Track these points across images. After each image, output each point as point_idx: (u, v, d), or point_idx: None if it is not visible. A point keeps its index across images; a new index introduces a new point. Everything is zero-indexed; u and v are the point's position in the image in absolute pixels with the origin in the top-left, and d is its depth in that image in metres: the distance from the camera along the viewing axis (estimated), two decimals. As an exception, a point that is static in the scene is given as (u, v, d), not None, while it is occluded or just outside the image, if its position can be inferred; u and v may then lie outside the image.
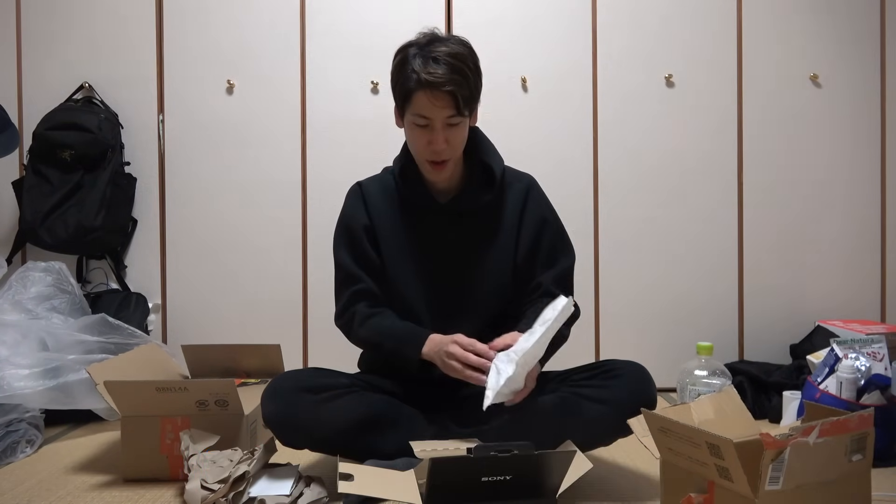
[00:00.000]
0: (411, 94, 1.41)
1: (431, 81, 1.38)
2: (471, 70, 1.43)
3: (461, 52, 1.42)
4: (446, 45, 1.41)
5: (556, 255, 1.56)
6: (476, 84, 1.45)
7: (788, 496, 1.01)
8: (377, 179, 1.62)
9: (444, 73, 1.38)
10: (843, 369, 1.61)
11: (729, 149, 2.41)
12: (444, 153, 1.45)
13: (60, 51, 2.35)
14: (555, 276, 1.54)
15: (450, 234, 1.54)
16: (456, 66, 1.39)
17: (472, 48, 1.46)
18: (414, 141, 1.48)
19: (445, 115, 1.41)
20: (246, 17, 2.37)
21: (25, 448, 1.71)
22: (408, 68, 1.41)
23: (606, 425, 1.42)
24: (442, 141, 1.43)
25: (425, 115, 1.42)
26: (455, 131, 1.44)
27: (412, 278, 1.53)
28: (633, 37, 2.39)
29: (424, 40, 1.44)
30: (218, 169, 2.38)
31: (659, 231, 2.41)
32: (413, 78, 1.40)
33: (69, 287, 2.11)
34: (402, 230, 1.55)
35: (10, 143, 2.13)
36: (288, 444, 1.45)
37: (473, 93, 1.44)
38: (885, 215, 2.44)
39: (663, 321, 2.41)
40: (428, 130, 1.43)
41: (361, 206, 1.58)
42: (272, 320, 2.37)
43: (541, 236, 1.56)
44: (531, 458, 1.22)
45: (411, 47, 1.43)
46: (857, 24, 2.42)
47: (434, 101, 1.40)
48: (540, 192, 1.60)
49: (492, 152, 1.57)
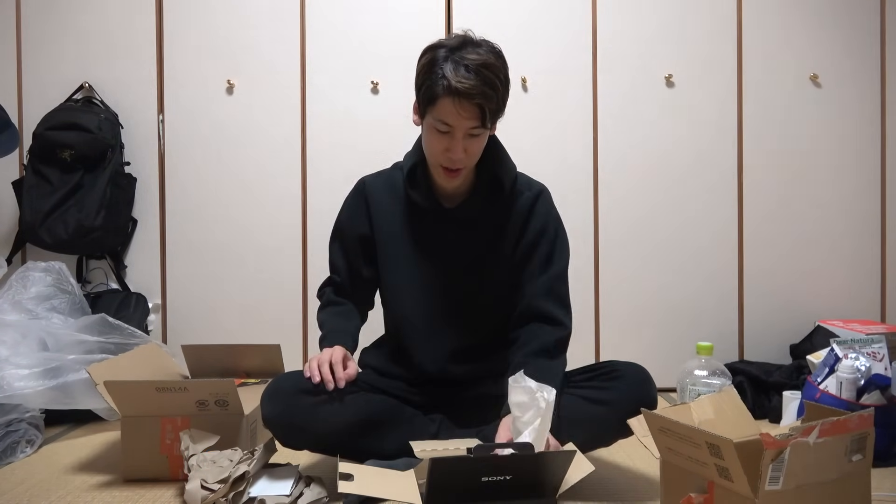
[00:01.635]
0: (437, 99, 1.36)
1: (460, 91, 1.33)
2: (501, 82, 1.37)
3: (493, 63, 1.36)
4: (478, 53, 1.35)
5: (546, 263, 1.52)
6: (504, 97, 1.40)
7: (788, 496, 1.01)
8: (385, 176, 1.59)
9: (474, 84, 1.33)
10: (843, 369, 1.61)
11: (729, 149, 2.41)
12: (460, 162, 1.41)
13: (60, 51, 2.35)
14: (542, 285, 1.50)
15: (452, 240, 1.52)
16: (487, 77, 1.34)
17: (503, 58, 1.40)
18: (431, 145, 1.43)
19: (469, 125, 1.37)
20: (246, 17, 2.37)
21: (25, 448, 1.71)
22: (437, 71, 1.36)
23: (607, 426, 1.42)
24: (460, 150, 1.39)
25: (448, 123, 1.37)
26: (475, 141, 1.41)
27: (410, 283, 1.53)
28: (633, 37, 2.39)
29: (455, 42, 1.38)
30: (218, 169, 2.38)
31: (659, 231, 2.41)
32: (441, 83, 1.35)
33: (69, 287, 2.11)
34: (404, 232, 1.54)
35: (10, 143, 2.13)
36: (288, 444, 1.45)
37: (500, 106, 1.39)
38: (885, 215, 2.44)
39: (663, 321, 2.41)
40: (448, 137, 1.39)
41: (363, 208, 1.56)
42: (272, 320, 2.37)
43: (538, 245, 1.52)
44: (531, 458, 1.22)
45: (441, 48, 1.38)
46: (857, 24, 2.42)
47: (460, 111, 1.35)
48: (547, 203, 1.55)
49: (504, 161, 1.53)
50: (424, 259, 1.52)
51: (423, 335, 1.53)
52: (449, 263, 1.52)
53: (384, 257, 1.55)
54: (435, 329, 1.50)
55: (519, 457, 1.22)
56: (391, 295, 1.57)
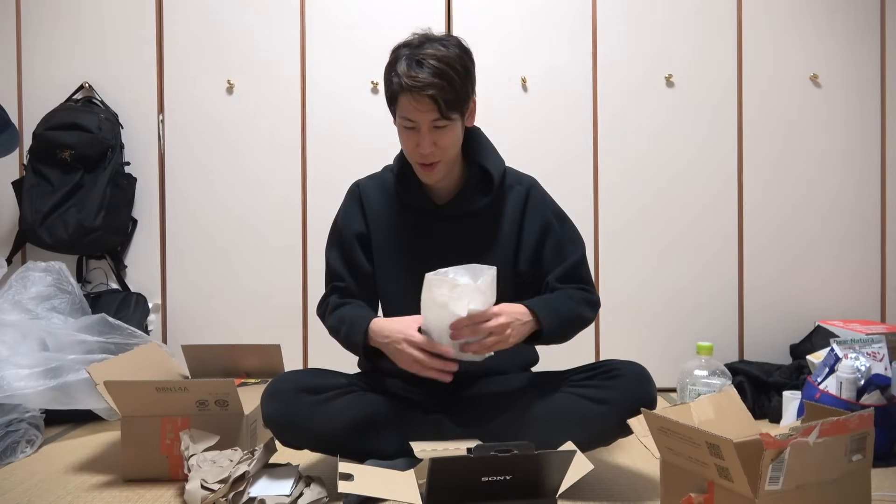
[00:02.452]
0: (396, 97, 1.41)
1: (412, 86, 1.37)
2: (457, 73, 1.39)
3: (447, 55, 1.39)
4: (434, 48, 1.39)
5: (563, 253, 1.54)
6: (464, 87, 1.41)
7: (788, 496, 1.01)
8: (377, 178, 1.61)
9: (425, 77, 1.36)
10: (843, 369, 1.61)
11: (729, 149, 2.41)
12: (431, 156, 1.43)
13: (60, 51, 2.35)
14: (560, 273, 1.52)
15: (446, 237, 1.53)
16: (440, 69, 1.37)
17: (464, 48, 1.43)
18: (403, 143, 1.47)
19: (429, 118, 1.39)
20: (246, 17, 2.37)
21: (25, 448, 1.71)
22: (394, 70, 1.41)
23: (606, 425, 1.42)
24: (429, 144, 1.42)
25: (410, 118, 1.41)
26: (443, 133, 1.42)
27: (406, 281, 1.51)
28: (633, 37, 2.39)
29: (416, 41, 1.42)
30: (218, 169, 2.38)
31: (659, 231, 2.41)
32: (395, 81, 1.39)
33: (69, 287, 2.11)
34: (398, 231, 1.55)
35: (10, 143, 2.13)
36: (288, 444, 1.45)
37: (460, 95, 1.41)
38: (885, 215, 2.44)
39: (663, 321, 2.41)
40: (415, 133, 1.42)
41: (358, 210, 1.57)
42: (272, 320, 2.37)
43: (545, 240, 1.53)
44: (531, 458, 1.22)
45: (403, 48, 1.42)
46: (857, 24, 2.42)
47: (416, 105, 1.38)
48: (541, 194, 1.57)
49: (490, 154, 1.54)
50: (418, 257, 1.52)
51: None
52: (445, 260, 1.52)
53: (381, 257, 1.56)
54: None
55: (519, 457, 1.22)
56: (389, 294, 1.57)
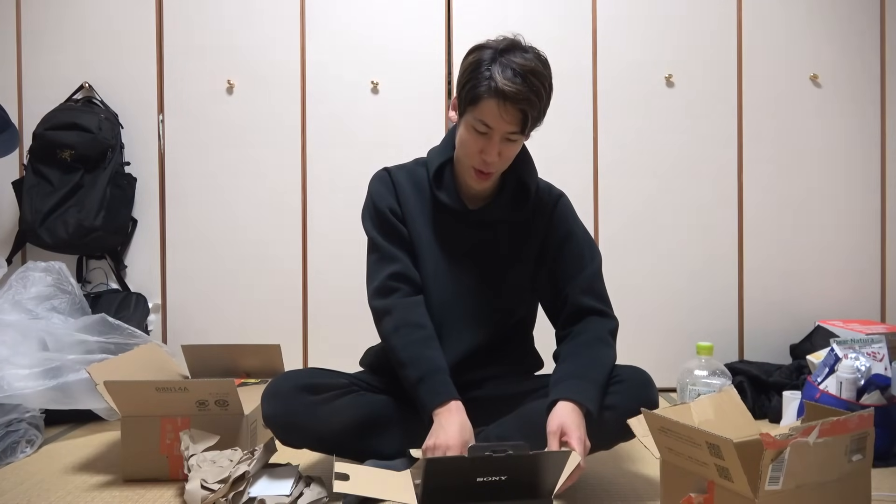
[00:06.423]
0: (480, 100, 1.34)
1: (506, 93, 1.31)
2: (545, 90, 1.35)
3: (540, 71, 1.34)
4: (525, 58, 1.33)
5: (580, 264, 1.52)
6: (546, 105, 1.38)
7: (788, 496, 1.01)
8: (407, 170, 1.56)
9: (520, 89, 1.31)
10: (843, 369, 1.61)
11: (729, 149, 2.41)
12: (493, 165, 1.40)
13: (60, 51, 2.35)
14: (580, 285, 1.50)
15: (473, 241, 1.51)
16: (534, 84, 1.32)
17: (549, 66, 1.38)
18: (467, 145, 1.41)
19: (509, 129, 1.36)
20: (246, 17, 2.37)
21: (25, 448, 1.71)
22: (483, 72, 1.33)
23: (607, 430, 1.41)
24: (495, 153, 1.38)
25: (488, 124, 1.35)
26: (510, 146, 1.40)
27: (428, 280, 1.50)
28: (633, 37, 2.39)
29: (502, 45, 1.35)
30: (218, 169, 2.38)
31: (659, 231, 2.41)
32: (487, 84, 1.33)
33: (69, 287, 2.11)
34: (427, 228, 1.51)
35: (10, 143, 2.13)
36: (288, 444, 1.45)
37: (542, 114, 1.38)
38: (885, 215, 2.44)
39: (663, 321, 2.41)
40: (485, 139, 1.37)
41: (391, 192, 1.52)
42: (272, 320, 2.37)
43: (563, 250, 1.52)
44: (526, 459, 1.22)
45: (487, 49, 1.35)
46: (857, 24, 2.42)
47: (503, 114, 1.33)
48: (567, 208, 1.55)
49: (530, 168, 1.53)
50: (443, 257, 1.50)
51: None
52: (466, 264, 1.51)
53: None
54: (443, 330, 1.49)
55: (514, 457, 1.22)
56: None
